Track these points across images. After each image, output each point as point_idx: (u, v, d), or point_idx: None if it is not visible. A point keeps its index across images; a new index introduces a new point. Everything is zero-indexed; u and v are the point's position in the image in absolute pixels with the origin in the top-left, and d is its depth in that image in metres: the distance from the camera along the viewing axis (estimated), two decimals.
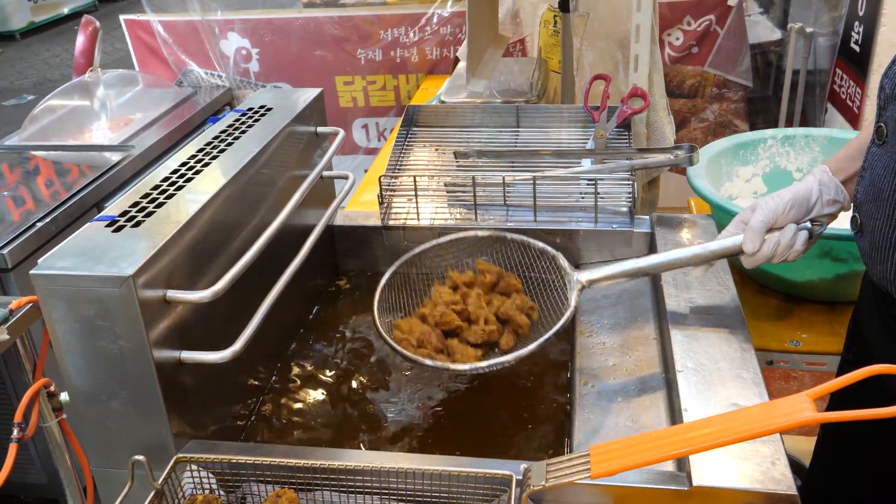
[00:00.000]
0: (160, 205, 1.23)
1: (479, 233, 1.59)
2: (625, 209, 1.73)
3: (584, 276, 1.42)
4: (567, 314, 1.36)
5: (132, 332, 1.06)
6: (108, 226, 1.16)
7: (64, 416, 1.78)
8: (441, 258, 1.58)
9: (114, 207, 1.22)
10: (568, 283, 1.43)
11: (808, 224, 1.36)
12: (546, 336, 1.32)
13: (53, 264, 1.06)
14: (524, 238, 1.55)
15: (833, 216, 1.39)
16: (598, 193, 1.70)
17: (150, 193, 1.27)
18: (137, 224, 1.17)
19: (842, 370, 1.52)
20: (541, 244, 1.52)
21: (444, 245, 1.58)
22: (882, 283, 1.24)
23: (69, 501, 1.98)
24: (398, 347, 1.38)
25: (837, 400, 1.49)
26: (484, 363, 1.33)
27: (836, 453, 1.54)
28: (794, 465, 2.09)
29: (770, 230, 1.35)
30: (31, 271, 1.05)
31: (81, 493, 1.96)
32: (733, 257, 1.40)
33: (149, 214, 1.20)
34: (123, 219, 1.18)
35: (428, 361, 1.34)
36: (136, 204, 1.23)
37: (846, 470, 1.49)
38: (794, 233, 1.34)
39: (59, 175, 2.78)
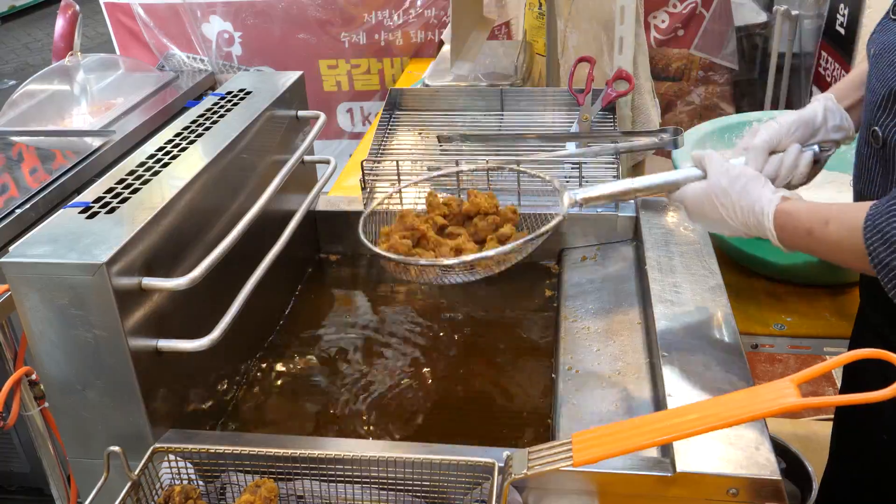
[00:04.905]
0: (136, 190, 1.21)
1: (464, 167, 1.59)
2: None
3: (579, 193, 1.38)
4: (558, 217, 1.34)
5: (106, 320, 1.04)
6: (81, 212, 1.14)
7: (46, 404, 1.77)
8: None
9: (88, 193, 1.20)
10: (560, 198, 1.39)
11: (815, 147, 1.31)
12: (538, 233, 1.31)
13: (25, 252, 1.04)
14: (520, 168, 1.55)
15: (838, 143, 1.36)
16: (583, 177, 1.69)
17: (126, 179, 1.25)
18: (112, 210, 1.14)
19: (856, 329, 1.51)
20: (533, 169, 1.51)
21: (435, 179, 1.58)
22: None
23: (53, 490, 1.97)
24: (383, 253, 1.34)
25: (850, 382, 1.48)
26: (470, 256, 1.30)
27: (850, 442, 1.52)
28: (780, 448, 2.11)
29: (774, 153, 1.31)
30: (1, 259, 1.03)
31: (65, 481, 1.95)
32: None
33: (124, 200, 1.18)
34: (98, 205, 1.16)
35: (422, 261, 1.31)
36: (110, 190, 1.21)
37: (863, 458, 1.48)
38: (798, 153, 1.30)
39: (39, 161, 2.74)
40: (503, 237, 1.41)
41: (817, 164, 1.33)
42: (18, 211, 2.37)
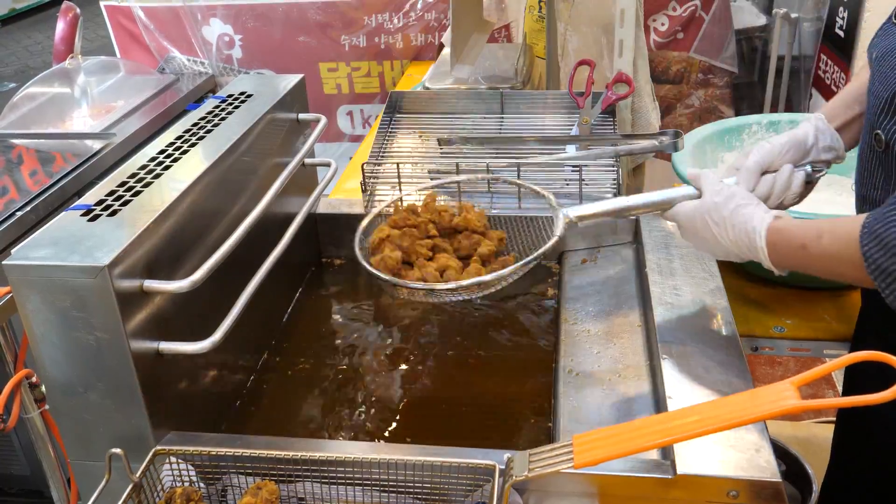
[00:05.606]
0: (137, 193, 1.21)
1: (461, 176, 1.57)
2: (610, 196, 1.72)
3: (573, 211, 1.37)
4: (551, 241, 1.33)
5: (108, 322, 1.04)
6: (83, 215, 1.14)
7: (46, 406, 1.77)
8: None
9: (89, 196, 1.20)
10: (555, 218, 1.38)
11: (808, 168, 1.33)
12: (528, 259, 1.30)
13: (27, 254, 1.04)
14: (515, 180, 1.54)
15: (829, 163, 1.37)
16: (583, 180, 1.69)
17: (127, 182, 1.25)
18: (114, 213, 1.15)
19: (858, 330, 1.51)
20: (531, 184, 1.51)
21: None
22: None
23: (53, 493, 1.97)
24: (375, 272, 1.34)
25: (851, 384, 1.48)
26: (466, 281, 1.29)
27: (851, 444, 1.52)
28: (780, 450, 2.11)
29: (766, 173, 1.33)
30: (3, 262, 1.03)
31: (65, 484, 1.95)
32: None
33: (125, 203, 1.18)
34: (99, 208, 1.16)
35: (411, 284, 1.30)
36: (112, 192, 1.21)
37: (863, 460, 1.48)
38: (790, 173, 1.32)
39: (39, 163, 2.74)
40: (484, 257, 1.40)
41: (809, 185, 1.34)
42: (19, 213, 2.37)
